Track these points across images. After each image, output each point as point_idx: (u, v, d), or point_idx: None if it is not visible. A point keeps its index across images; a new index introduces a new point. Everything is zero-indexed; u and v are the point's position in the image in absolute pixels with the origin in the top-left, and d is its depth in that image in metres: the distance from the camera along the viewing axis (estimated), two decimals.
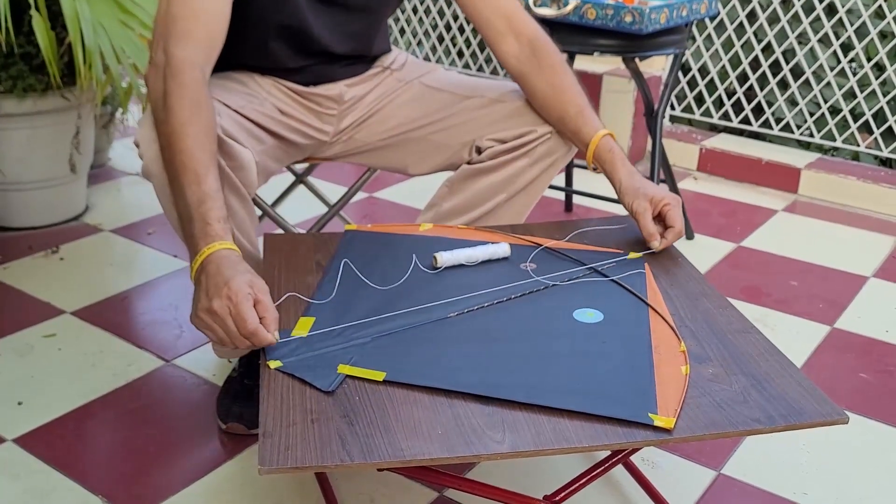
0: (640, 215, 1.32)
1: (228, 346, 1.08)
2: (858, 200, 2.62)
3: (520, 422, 0.96)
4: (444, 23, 3.41)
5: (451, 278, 1.25)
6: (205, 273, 1.10)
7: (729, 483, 1.43)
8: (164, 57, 1.26)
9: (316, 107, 1.53)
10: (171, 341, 1.78)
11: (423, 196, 1.65)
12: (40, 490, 1.37)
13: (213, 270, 1.09)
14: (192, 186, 1.16)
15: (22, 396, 1.59)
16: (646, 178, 1.37)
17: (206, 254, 1.11)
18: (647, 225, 1.32)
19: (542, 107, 1.45)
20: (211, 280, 1.08)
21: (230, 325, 1.05)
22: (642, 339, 1.11)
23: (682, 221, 1.32)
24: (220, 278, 1.08)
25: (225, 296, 1.06)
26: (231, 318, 1.05)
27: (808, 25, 2.77)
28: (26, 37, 2.08)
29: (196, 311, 1.09)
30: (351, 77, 1.56)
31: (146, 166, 1.28)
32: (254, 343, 1.06)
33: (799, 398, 1.01)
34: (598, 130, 1.39)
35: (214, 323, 1.07)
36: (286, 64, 1.48)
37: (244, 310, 1.05)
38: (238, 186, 1.32)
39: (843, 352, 1.84)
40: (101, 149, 2.66)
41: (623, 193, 1.36)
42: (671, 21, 2.02)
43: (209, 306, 1.07)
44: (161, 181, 1.28)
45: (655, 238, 1.32)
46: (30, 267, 2.07)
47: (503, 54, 1.48)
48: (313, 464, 0.90)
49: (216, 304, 1.06)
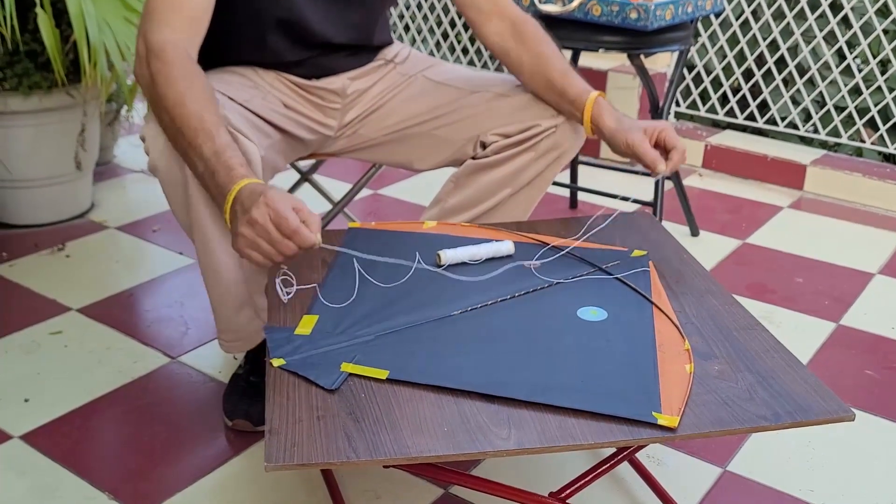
0: (638, 145, 1.29)
1: (276, 259, 1.07)
2: (864, 197, 2.61)
3: (525, 419, 0.96)
4: (448, 19, 3.41)
5: (454, 276, 1.25)
6: (238, 202, 1.10)
7: (735, 480, 1.43)
8: (143, 46, 1.26)
9: (319, 101, 1.53)
10: (177, 338, 1.78)
11: (427, 193, 1.65)
12: (47, 486, 1.37)
13: (246, 194, 1.09)
14: (208, 143, 1.16)
15: (28, 393, 1.60)
16: (635, 119, 1.36)
17: (236, 190, 1.12)
18: (647, 152, 1.28)
19: (529, 77, 1.46)
20: (246, 200, 1.09)
21: (272, 230, 1.05)
22: (646, 338, 1.11)
23: (681, 141, 1.30)
24: (255, 195, 1.08)
25: (262, 203, 1.06)
26: (272, 223, 1.05)
27: (814, 22, 2.76)
28: (32, 34, 2.08)
29: (236, 231, 1.09)
30: (353, 69, 1.55)
31: (153, 161, 1.28)
32: (297, 243, 1.06)
33: (805, 395, 1.01)
34: (588, 92, 1.39)
35: (256, 235, 1.06)
36: (286, 57, 1.48)
37: (282, 209, 1.05)
38: None
39: (848, 349, 1.83)
40: (107, 146, 2.66)
41: (614, 135, 1.34)
42: (676, 17, 2.01)
43: (248, 217, 1.06)
44: (167, 176, 1.28)
45: (660, 161, 1.28)
46: (36, 264, 2.07)
47: (487, 34, 1.50)
48: (319, 461, 0.90)
49: (255, 213, 1.05)
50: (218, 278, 1.35)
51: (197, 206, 1.28)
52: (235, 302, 1.38)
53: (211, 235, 1.30)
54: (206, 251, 1.33)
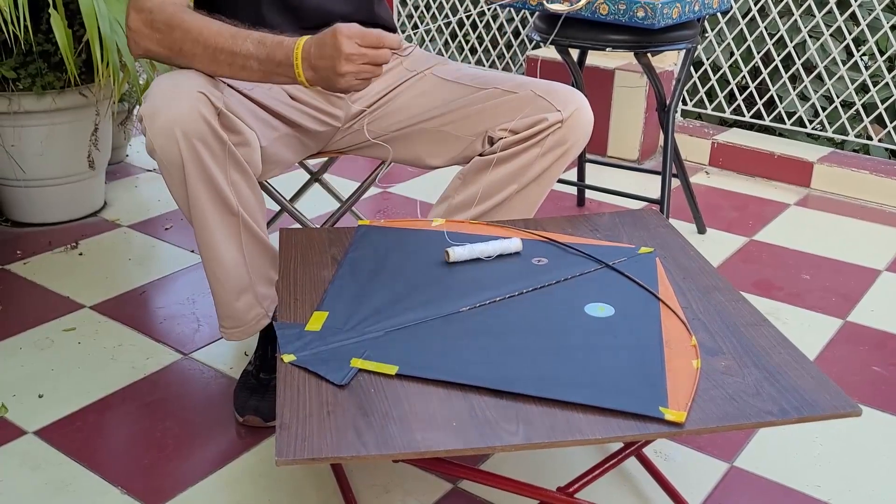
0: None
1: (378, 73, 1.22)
2: (871, 194, 2.61)
3: (533, 414, 0.97)
4: (456, 19, 3.42)
5: (462, 273, 1.26)
6: (312, 57, 1.21)
7: (741, 475, 1.44)
8: (136, 15, 1.30)
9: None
10: (188, 335, 1.80)
11: (435, 190, 1.66)
12: (60, 481, 1.39)
13: (316, 43, 1.21)
14: (247, 41, 1.25)
15: (42, 389, 1.62)
16: None
17: (298, 47, 1.22)
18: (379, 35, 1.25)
19: None
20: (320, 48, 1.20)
21: (367, 51, 1.18)
22: (653, 334, 1.12)
23: None
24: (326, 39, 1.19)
25: (344, 37, 1.18)
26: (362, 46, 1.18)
27: (821, 19, 2.76)
28: (44, 35, 2.10)
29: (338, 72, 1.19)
30: None
31: (150, 139, 1.26)
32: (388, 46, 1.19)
33: (812, 391, 1.02)
34: None
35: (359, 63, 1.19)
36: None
37: (359, 30, 1.18)
38: (242, 163, 1.32)
39: (855, 345, 1.84)
40: (119, 145, 2.68)
41: None
42: (683, 16, 2.02)
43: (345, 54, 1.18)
44: (164, 156, 1.26)
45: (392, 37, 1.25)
46: (49, 262, 2.09)
47: None
48: (329, 455, 0.91)
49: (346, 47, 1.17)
50: (217, 261, 1.36)
51: (195, 189, 1.28)
52: (235, 286, 1.39)
53: (210, 217, 1.31)
54: (205, 234, 1.33)
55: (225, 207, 1.32)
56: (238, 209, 1.33)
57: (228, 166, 1.30)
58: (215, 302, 1.43)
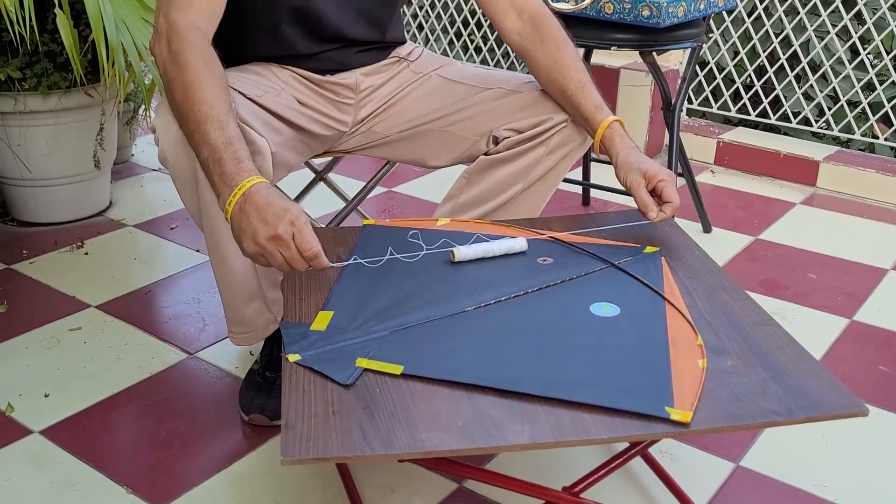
0: (634, 189, 1.32)
1: (284, 270, 1.14)
2: (877, 193, 2.61)
3: (539, 414, 0.97)
4: (461, 18, 3.42)
5: (468, 272, 1.26)
6: (251, 203, 1.12)
7: (747, 475, 1.44)
8: (165, 23, 1.27)
9: (333, 96, 1.54)
10: (194, 334, 1.80)
11: (441, 190, 1.66)
12: (66, 480, 1.39)
13: (262, 200, 1.12)
14: (217, 131, 1.18)
15: (48, 389, 1.62)
16: (644, 155, 1.37)
17: (246, 186, 1.14)
18: (641, 197, 1.31)
19: (545, 82, 1.47)
20: (265, 209, 1.11)
21: (293, 248, 1.11)
22: (659, 333, 1.12)
23: (678, 197, 1.32)
24: (276, 206, 1.11)
25: (288, 220, 1.10)
26: (294, 242, 1.10)
27: (827, 18, 2.75)
28: (50, 35, 2.11)
29: (255, 239, 1.12)
30: (366, 65, 1.56)
31: (162, 151, 1.29)
32: (313, 266, 1.12)
33: (818, 390, 1.01)
34: (599, 111, 1.40)
35: (277, 248, 1.11)
36: (300, 50, 1.48)
37: (308, 233, 1.11)
38: None
39: (862, 344, 1.83)
40: (125, 145, 2.69)
41: (618, 168, 1.36)
42: (688, 14, 2.02)
43: (274, 233, 1.10)
44: (177, 165, 1.29)
45: (652, 208, 1.31)
46: (55, 262, 2.10)
47: (507, 31, 1.50)
48: (335, 455, 0.91)
49: (281, 229, 1.10)
50: (227, 268, 1.36)
51: (207, 198, 1.29)
52: (245, 293, 1.40)
53: (221, 226, 1.31)
54: (215, 242, 1.34)
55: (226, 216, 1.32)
56: None
57: None
58: (224, 308, 1.44)
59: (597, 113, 1.40)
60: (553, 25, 1.48)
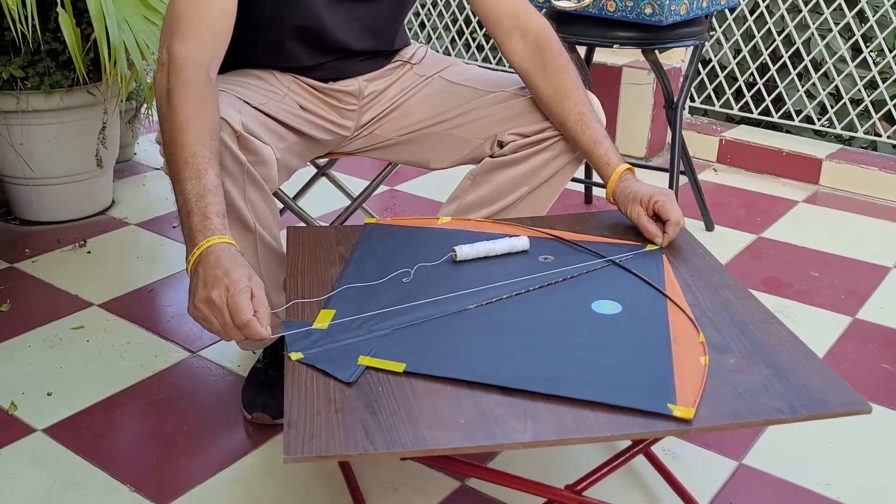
0: (636, 220, 1.35)
1: (223, 337, 1.09)
2: (880, 191, 2.60)
3: (541, 411, 0.97)
4: (463, 17, 3.41)
5: (469, 271, 1.26)
6: (203, 264, 1.10)
7: (750, 473, 1.44)
8: (167, 55, 1.26)
9: (336, 102, 1.54)
10: (196, 333, 1.80)
11: (444, 189, 1.66)
12: (69, 479, 1.40)
13: (212, 262, 1.10)
14: (192, 181, 1.16)
15: (51, 387, 1.62)
16: (637, 181, 1.37)
17: (204, 246, 1.12)
18: (646, 227, 1.34)
19: (546, 109, 1.47)
20: (210, 271, 1.09)
21: (226, 315, 1.06)
22: (661, 331, 1.12)
23: (678, 211, 1.32)
24: (219, 269, 1.08)
25: (224, 286, 1.07)
26: (227, 308, 1.06)
27: (829, 16, 2.75)
28: (52, 34, 2.11)
29: (193, 301, 1.10)
30: (369, 72, 1.57)
31: None
32: (246, 335, 1.07)
33: (821, 388, 1.01)
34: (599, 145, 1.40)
35: (211, 313, 1.08)
36: (304, 62, 1.49)
37: (241, 301, 1.06)
38: (259, 181, 1.34)
39: (864, 342, 1.83)
40: (127, 144, 2.69)
41: (618, 204, 1.39)
42: (691, 12, 2.01)
43: (208, 296, 1.07)
44: None
45: (658, 236, 1.33)
46: (58, 260, 2.10)
47: (509, 52, 1.49)
48: (337, 453, 0.91)
49: (214, 294, 1.07)
50: None
51: None
52: None
53: None
54: None
55: (242, 225, 1.33)
56: (255, 226, 1.35)
57: (246, 185, 1.31)
58: None
59: (595, 147, 1.40)
60: (556, 51, 1.46)
